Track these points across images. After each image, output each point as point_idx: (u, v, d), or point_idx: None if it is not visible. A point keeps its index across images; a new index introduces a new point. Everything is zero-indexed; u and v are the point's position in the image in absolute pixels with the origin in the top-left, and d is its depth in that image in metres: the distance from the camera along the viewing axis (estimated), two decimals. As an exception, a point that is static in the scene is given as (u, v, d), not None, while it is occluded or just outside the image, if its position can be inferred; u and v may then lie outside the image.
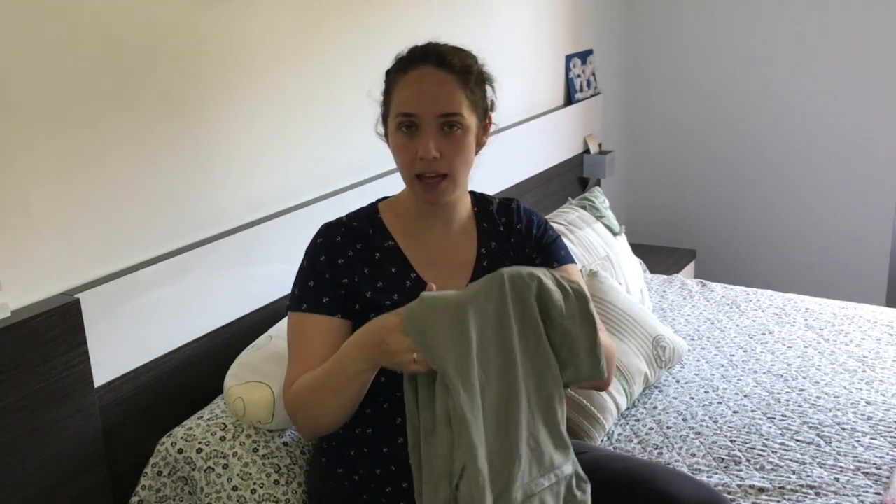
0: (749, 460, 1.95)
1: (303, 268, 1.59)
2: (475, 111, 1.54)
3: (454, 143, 1.51)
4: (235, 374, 1.76)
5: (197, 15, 1.82)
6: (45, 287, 1.59)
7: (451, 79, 1.50)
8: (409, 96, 1.49)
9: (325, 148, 2.20)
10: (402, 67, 1.52)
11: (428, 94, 1.49)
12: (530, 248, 1.67)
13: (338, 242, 1.57)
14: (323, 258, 1.56)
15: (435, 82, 1.49)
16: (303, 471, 1.70)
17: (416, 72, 1.50)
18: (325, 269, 1.55)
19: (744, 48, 3.70)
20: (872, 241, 3.64)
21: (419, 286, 1.55)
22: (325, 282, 1.55)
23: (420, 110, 1.49)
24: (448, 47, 1.55)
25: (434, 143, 1.49)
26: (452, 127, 1.50)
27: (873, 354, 2.43)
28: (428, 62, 1.50)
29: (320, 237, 1.60)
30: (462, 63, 1.52)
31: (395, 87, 1.52)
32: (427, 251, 1.60)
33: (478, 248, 1.64)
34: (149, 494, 1.69)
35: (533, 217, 1.71)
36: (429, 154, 1.48)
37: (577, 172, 3.47)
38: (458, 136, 1.51)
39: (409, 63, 1.52)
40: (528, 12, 3.06)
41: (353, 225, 1.60)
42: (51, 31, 1.54)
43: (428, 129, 1.49)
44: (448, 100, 1.49)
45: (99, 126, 1.65)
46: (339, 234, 1.58)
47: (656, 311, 2.79)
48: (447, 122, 1.49)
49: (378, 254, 1.58)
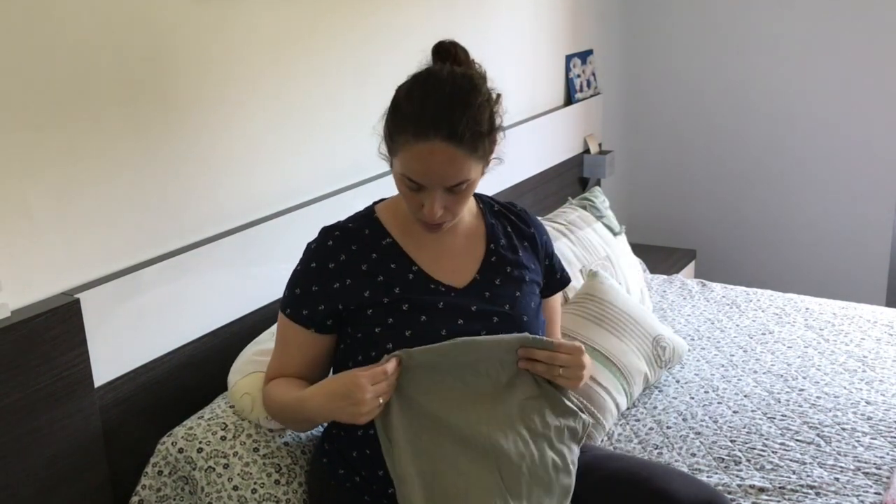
0: (749, 460, 1.95)
1: (297, 271, 1.60)
2: (483, 160, 1.50)
3: (460, 198, 1.50)
4: (240, 369, 1.76)
5: (197, 15, 1.82)
6: (45, 287, 1.59)
7: (462, 154, 1.44)
8: (418, 168, 1.44)
9: (324, 148, 2.20)
10: (412, 133, 1.43)
11: (437, 171, 1.45)
12: (541, 254, 1.71)
13: (330, 247, 1.57)
14: (314, 265, 1.57)
15: (445, 160, 1.43)
16: (303, 471, 1.70)
17: (427, 145, 1.42)
18: (313, 280, 1.56)
19: (744, 48, 3.70)
20: (872, 241, 3.64)
21: (422, 279, 1.56)
22: (310, 293, 1.55)
23: (428, 183, 1.46)
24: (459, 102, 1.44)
25: (439, 204, 1.48)
26: (460, 185, 1.48)
27: (873, 354, 2.43)
28: (438, 135, 1.41)
29: (315, 242, 1.61)
30: (473, 131, 1.43)
31: (403, 150, 1.45)
32: (429, 248, 1.60)
33: (487, 244, 1.65)
34: (149, 494, 1.69)
35: (539, 223, 1.75)
36: (433, 218, 1.49)
37: (577, 172, 3.47)
38: (465, 191, 1.49)
39: (419, 131, 1.42)
40: (527, 12, 3.06)
41: (348, 227, 1.60)
42: (51, 31, 1.54)
43: (434, 193, 1.47)
44: (456, 174, 1.45)
45: (99, 126, 1.65)
46: (331, 239, 1.58)
47: (656, 311, 2.79)
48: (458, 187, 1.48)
49: (375, 253, 1.57)
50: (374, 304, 1.53)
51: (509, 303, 1.59)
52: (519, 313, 1.59)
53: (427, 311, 1.53)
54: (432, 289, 1.56)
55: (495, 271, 1.62)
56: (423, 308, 1.53)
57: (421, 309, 1.53)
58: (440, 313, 1.53)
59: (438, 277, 1.57)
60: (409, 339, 1.50)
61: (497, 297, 1.59)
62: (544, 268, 1.72)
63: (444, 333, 1.51)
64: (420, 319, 1.52)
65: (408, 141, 1.44)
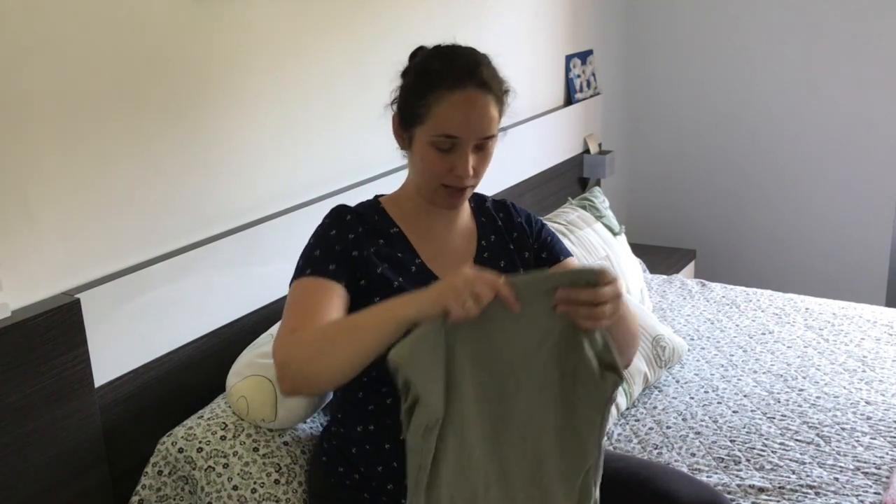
0: (749, 460, 1.95)
1: (310, 244, 1.56)
2: (500, 119, 1.55)
3: (486, 158, 1.53)
4: (237, 371, 1.76)
5: (198, 15, 1.82)
6: (45, 287, 1.59)
7: (493, 102, 1.50)
8: (457, 119, 1.47)
9: (325, 148, 2.20)
10: (448, 84, 1.47)
11: (475, 119, 1.48)
12: (533, 240, 1.69)
13: (348, 220, 1.57)
14: (333, 231, 1.55)
15: (481, 107, 1.48)
16: (303, 470, 1.70)
17: (463, 93, 1.47)
18: (335, 241, 1.54)
19: (744, 48, 3.70)
20: (872, 241, 3.64)
21: (423, 272, 1.57)
22: (333, 251, 1.52)
23: (465, 134, 1.48)
24: (481, 60, 1.53)
25: (472, 162, 1.50)
26: (488, 140, 1.52)
27: (873, 354, 2.43)
28: (472, 82, 1.47)
29: (328, 218, 1.59)
30: (499, 85, 1.52)
31: (439, 104, 1.47)
32: (431, 243, 1.61)
33: (478, 241, 1.66)
34: (149, 494, 1.69)
35: (529, 212, 1.74)
36: (468, 174, 1.50)
37: (577, 172, 3.47)
38: (489, 149, 1.53)
39: (454, 81, 1.47)
40: (527, 12, 3.06)
41: (358, 210, 1.61)
42: (51, 31, 1.54)
43: (467, 149, 1.49)
44: (490, 124, 1.50)
45: (99, 126, 1.65)
46: (348, 214, 1.58)
47: (656, 311, 2.79)
48: (484, 142, 1.51)
49: (382, 239, 1.58)
50: (383, 287, 1.52)
51: None
52: None
53: None
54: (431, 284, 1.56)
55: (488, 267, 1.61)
56: None
57: None
58: None
59: (438, 273, 1.58)
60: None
61: None
62: (534, 251, 1.68)
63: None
64: None
65: (442, 94, 1.47)
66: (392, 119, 1.58)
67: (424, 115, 1.49)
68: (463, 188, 1.54)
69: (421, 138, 1.51)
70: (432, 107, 1.48)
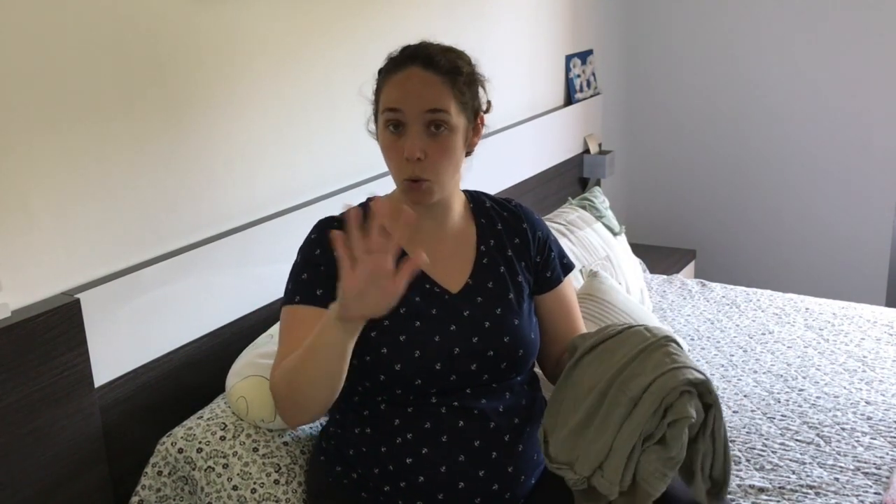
0: (749, 460, 1.95)
1: (297, 263, 1.58)
2: (464, 112, 1.53)
3: (440, 144, 1.49)
4: (237, 371, 1.76)
5: (197, 16, 1.82)
6: (45, 287, 1.59)
7: (439, 80, 1.50)
8: (396, 93, 1.50)
9: (324, 148, 2.20)
10: (392, 67, 1.53)
11: (414, 92, 1.49)
12: (535, 253, 1.68)
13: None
14: (318, 251, 1.55)
15: (422, 82, 1.49)
16: (303, 470, 1.70)
17: (404, 72, 1.51)
18: (320, 262, 1.53)
19: (744, 48, 3.70)
20: (872, 241, 3.64)
21: (418, 279, 1.55)
22: (319, 274, 1.52)
23: (405, 106, 1.48)
24: (438, 47, 1.55)
25: (420, 142, 1.48)
26: (439, 127, 1.49)
27: (873, 354, 2.43)
28: (416, 62, 1.51)
29: (314, 233, 1.59)
30: (450, 63, 1.52)
31: (384, 86, 1.53)
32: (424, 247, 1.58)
33: (477, 246, 1.64)
34: (149, 494, 1.69)
35: (535, 218, 1.72)
36: (413, 154, 1.47)
37: (577, 172, 3.47)
38: (444, 136, 1.50)
39: (398, 63, 1.52)
40: (527, 12, 3.06)
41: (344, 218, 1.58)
42: (51, 31, 1.54)
43: (414, 127, 1.49)
44: (435, 98, 1.49)
45: (98, 126, 1.65)
46: (333, 227, 1.54)
47: (656, 311, 2.79)
48: (433, 120, 1.48)
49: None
50: None
51: (501, 306, 1.59)
52: (510, 318, 1.58)
53: (421, 317, 1.53)
54: (427, 289, 1.56)
55: (487, 273, 1.61)
56: (418, 313, 1.53)
57: (416, 314, 1.53)
58: (434, 318, 1.54)
59: (435, 278, 1.57)
60: (403, 344, 1.50)
61: (489, 300, 1.59)
62: (534, 265, 1.68)
63: (437, 340, 1.52)
64: (415, 325, 1.52)
65: (388, 78, 1.53)
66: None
67: (378, 101, 1.55)
68: (417, 180, 1.50)
69: (380, 125, 1.54)
70: (381, 90, 1.54)
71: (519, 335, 1.57)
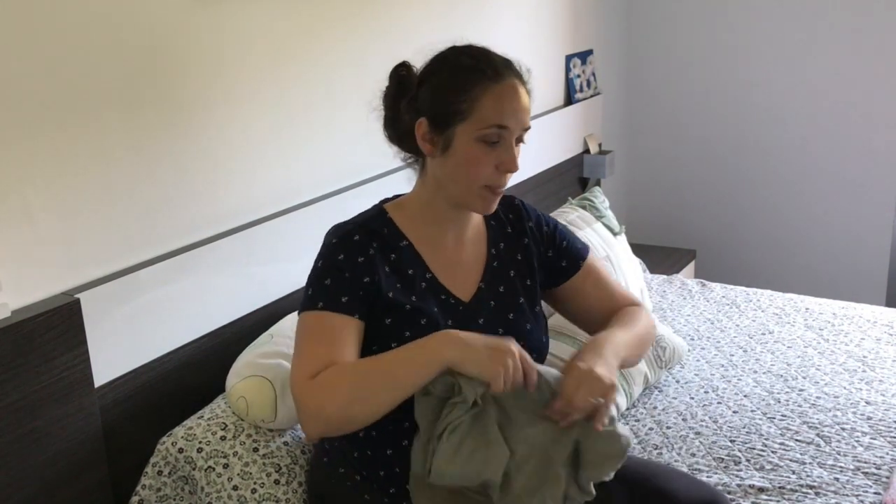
0: (749, 460, 1.95)
1: (317, 267, 1.49)
2: None
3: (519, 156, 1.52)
4: (237, 372, 1.76)
5: (197, 16, 1.82)
6: (45, 287, 1.59)
7: (527, 95, 1.53)
8: (506, 108, 1.47)
9: (324, 148, 2.20)
10: (490, 76, 1.47)
11: (521, 109, 1.49)
12: (545, 247, 1.68)
13: (356, 241, 1.49)
14: (342, 256, 1.47)
15: (523, 97, 1.50)
16: (303, 470, 1.70)
17: (509, 83, 1.48)
18: (344, 267, 1.46)
19: (744, 48, 3.70)
20: (872, 241, 3.65)
21: (434, 287, 1.54)
22: (343, 280, 1.45)
23: (514, 124, 1.48)
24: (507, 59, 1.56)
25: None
26: (520, 141, 1.52)
27: (873, 354, 2.43)
28: (512, 73, 1.50)
29: (335, 237, 1.50)
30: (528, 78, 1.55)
31: (485, 95, 1.46)
32: (442, 253, 1.57)
33: (488, 249, 1.63)
34: (149, 494, 1.69)
35: (539, 213, 1.72)
36: (517, 166, 1.49)
37: (577, 172, 3.47)
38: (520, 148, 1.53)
39: (496, 73, 1.48)
40: (528, 12, 3.06)
41: (368, 225, 1.53)
42: (51, 31, 1.54)
43: (511, 141, 1.49)
44: (528, 116, 1.51)
45: (99, 126, 1.65)
46: (356, 233, 1.51)
47: (656, 311, 2.79)
48: (522, 136, 1.52)
49: (394, 254, 1.53)
50: (395, 310, 1.48)
51: (513, 311, 1.59)
52: (523, 323, 1.59)
53: (438, 328, 1.49)
54: (443, 300, 1.54)
55: (499, 278, 1.61)
56: (436, 324, 1.50)
57: (434, 325, 1.50)
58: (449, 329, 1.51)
59: (448, 286, 1.56)
60: None
61: (501, 306, 1.59)
62: (547, 259, 1.67)
63: None
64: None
65: (487, 86, 1.46)
66: (417, 126, 1.50)
67: (467, 110, 1.46)
68: (502, 187, 1.52)
69: (464, 136, 1.47)
70: (478, 100, 1.46)
71: (532, 340, 1.58)
